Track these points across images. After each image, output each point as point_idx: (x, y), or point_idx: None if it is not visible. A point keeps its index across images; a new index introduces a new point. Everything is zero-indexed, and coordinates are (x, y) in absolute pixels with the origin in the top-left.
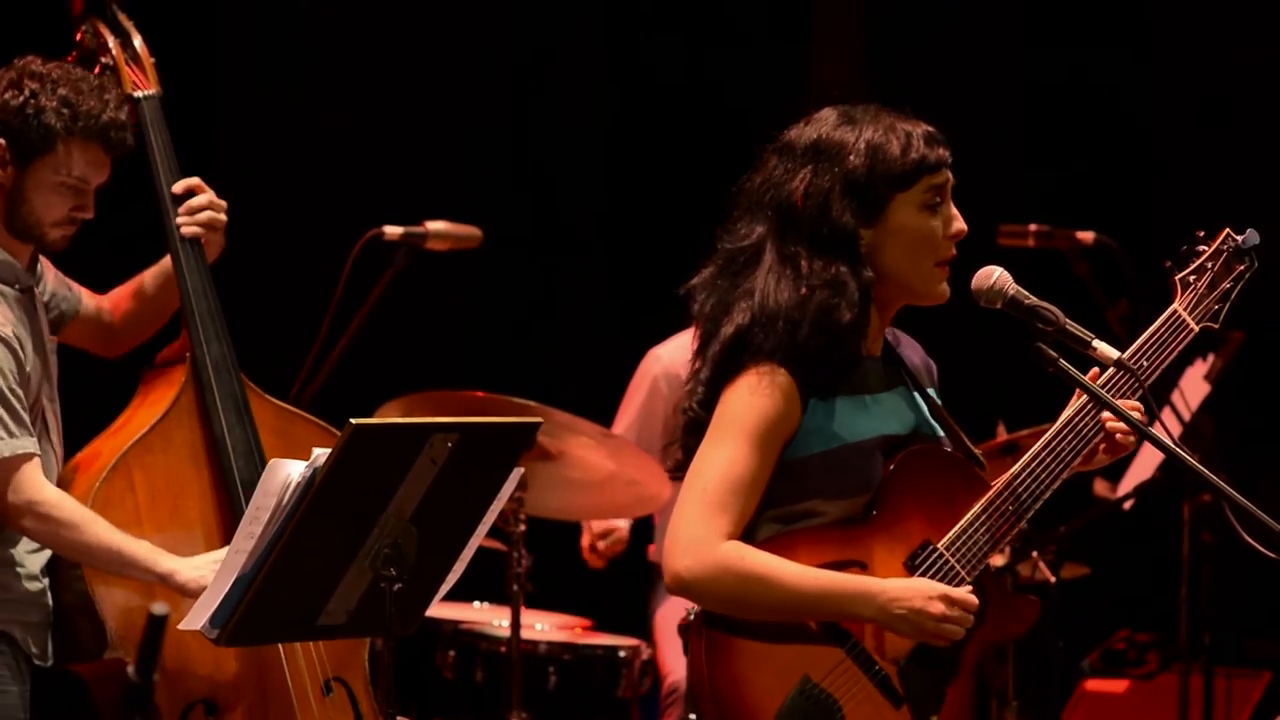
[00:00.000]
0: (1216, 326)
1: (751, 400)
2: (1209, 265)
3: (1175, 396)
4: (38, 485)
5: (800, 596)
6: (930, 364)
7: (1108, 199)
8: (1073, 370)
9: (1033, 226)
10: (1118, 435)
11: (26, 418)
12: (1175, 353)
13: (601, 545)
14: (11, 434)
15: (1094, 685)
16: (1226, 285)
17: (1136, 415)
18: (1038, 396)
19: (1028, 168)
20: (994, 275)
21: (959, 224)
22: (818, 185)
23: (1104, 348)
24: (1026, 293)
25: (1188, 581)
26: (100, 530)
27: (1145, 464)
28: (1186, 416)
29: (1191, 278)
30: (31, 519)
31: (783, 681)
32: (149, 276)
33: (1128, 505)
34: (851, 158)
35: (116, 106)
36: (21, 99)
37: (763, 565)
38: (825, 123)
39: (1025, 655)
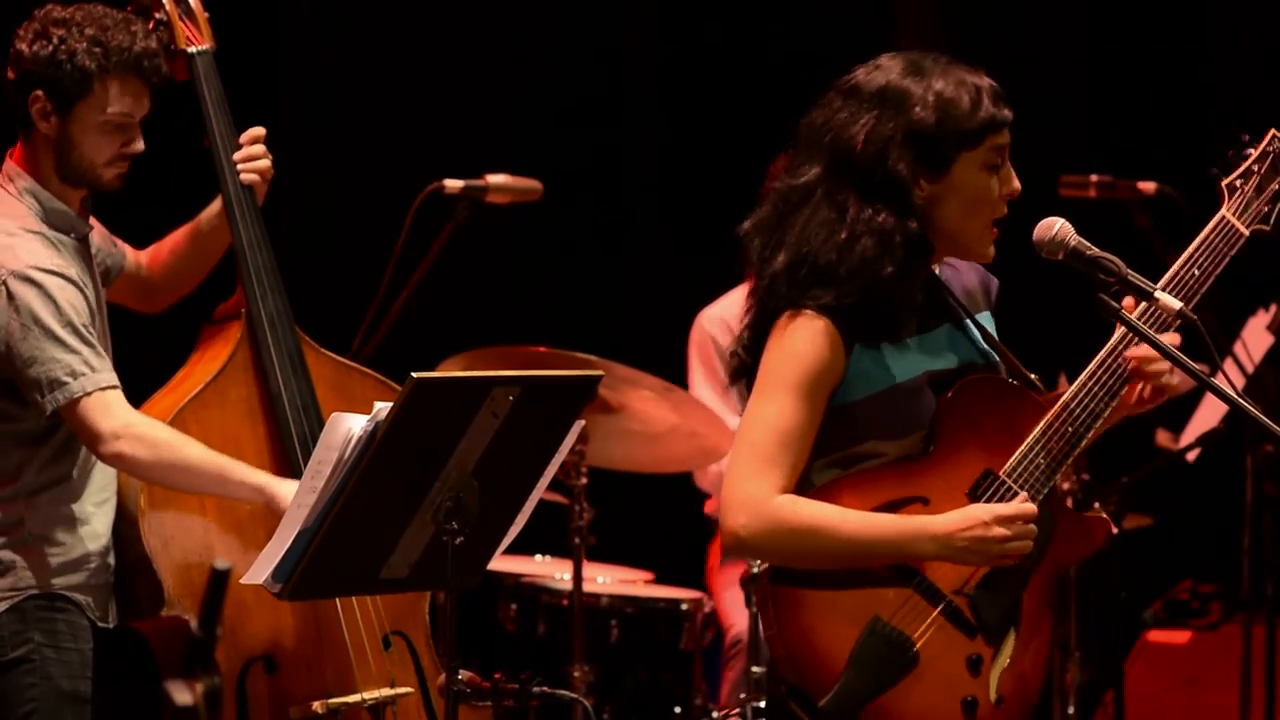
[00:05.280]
0: (1268, 229)
1: (793, 351)
2: (1255, 168)
3: (1238, 347)
4: (129, 410)
5: (858, 543)
6: (990, 282)
7: (1170, 149)
8: (1136, 321)
9: (1094, 177)
10: (1148, 371)
11: (102, 351)
12: (1227, 259)
13: None
14: (93, 369)
15: (1156, 636)
16: (1275, 187)
17: (1176, 347)
18: (1100, 348)
19: (1091, 118)
20: (1055, 226)
21: (1015, 184)
22: (878, 132)
23: (1166, 298)
24: (1088, 244)
25: (1250, 532)
26: (197, 446)
27: (1208, 415)
28: (1249, 367)
29: (1238, 182)
30: (129, 442)
31: (853, 626)
32: (204, 217)
33: (1190, 456)
34: (918, 109)
35: (145, 36)
36: (51, 47)
37: (817, 516)
38: (893, 70)
39: (1087, 606)
